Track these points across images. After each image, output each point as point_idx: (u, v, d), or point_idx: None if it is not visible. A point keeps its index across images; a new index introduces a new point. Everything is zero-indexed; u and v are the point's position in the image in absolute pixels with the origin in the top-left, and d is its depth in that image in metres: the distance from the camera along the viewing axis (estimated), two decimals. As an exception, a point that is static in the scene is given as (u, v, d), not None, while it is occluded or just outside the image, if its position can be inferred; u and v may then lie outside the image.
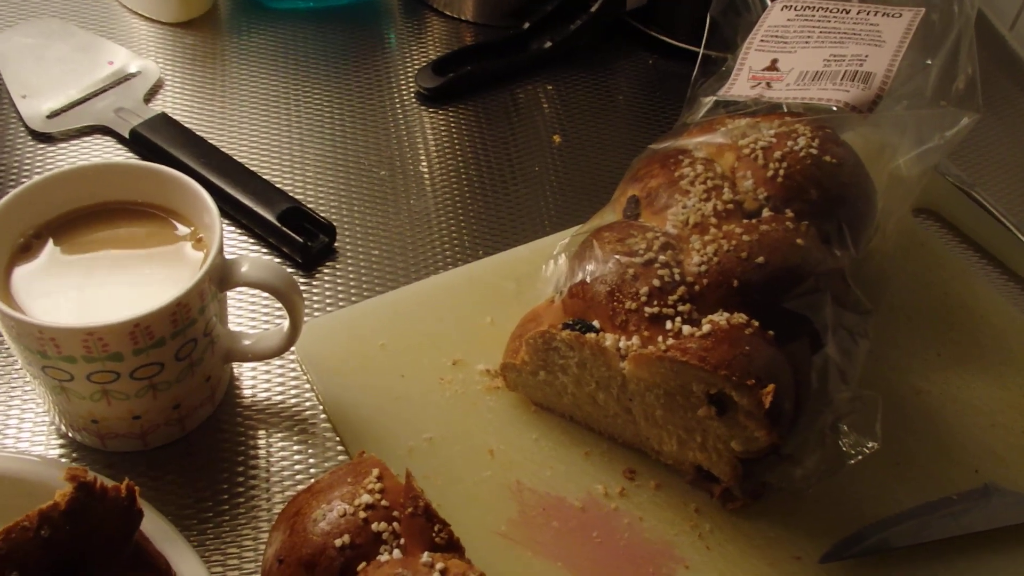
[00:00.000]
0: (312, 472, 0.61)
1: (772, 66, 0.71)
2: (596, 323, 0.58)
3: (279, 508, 0.58)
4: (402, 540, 0.48)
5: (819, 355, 0.58)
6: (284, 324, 0.61)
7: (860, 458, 0.58)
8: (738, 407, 0.54)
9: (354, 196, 0.78)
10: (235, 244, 0.74)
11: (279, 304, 0.60)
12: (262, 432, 0.62)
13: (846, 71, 0.68)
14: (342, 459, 0.61)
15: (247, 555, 0.57)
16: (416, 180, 0.80)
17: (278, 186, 0.76)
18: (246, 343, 0.62)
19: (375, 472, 0.51)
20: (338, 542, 0.48)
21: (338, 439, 0.62)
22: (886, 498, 0.61)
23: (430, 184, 0.80)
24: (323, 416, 0.63)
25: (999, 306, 0.73)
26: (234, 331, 0.63)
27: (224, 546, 0.57)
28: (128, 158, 0.79)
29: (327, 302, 0.70)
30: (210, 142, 0.78)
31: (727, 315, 0.56)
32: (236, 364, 0.65)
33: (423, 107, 0.87)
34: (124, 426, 0.58)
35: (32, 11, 0.92)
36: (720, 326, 0.55)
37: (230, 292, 0.61)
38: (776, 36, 0.73)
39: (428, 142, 0.84)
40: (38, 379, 0.57)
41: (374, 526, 0.48)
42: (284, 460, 0.61)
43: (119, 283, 0.57)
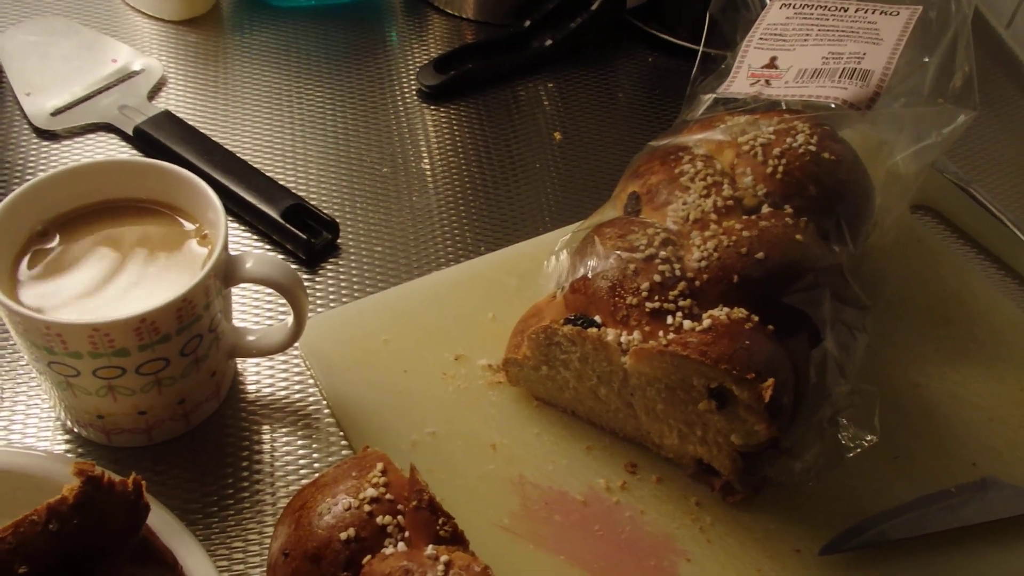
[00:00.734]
0: (316, 466, 0.61)
1: (771, 64, 0.71)
2: (597, 318, 0.59)
3: (284, 502, 0.58)
4: (406, 533, 0.48)
5: (818, 350, 0.58)
6: (288, 320, 0.61)
7: (859, 451, 0.58)
8: (738, 401, 0.55)
9: (357, 193, 0.79)
10: (239, 241, 0.74)
11: (283, 300, 0.60)
12: (266, 427, 0.63)
13: (844, 69, 0.68)
14: (346, 453, 0.62)
15: (252, 549, 0.57)
16: (418, 177, 0.81)
17: (281, 183, 0.76)
18: (250, 339, 0.62)
19: (379, 466, 0.51)
20: (343, 535, 0.48)
21: (342, 434, 0.63)
22: (885, 491, 0.61)
23: (432, 181, 0.80)
24: (327, 411, 0.64)
25: (996, 302, 0.73)
26: (238, 327, 0.63)
27: (230, 540, 0.57)
28: (132, 155, 0.79)
29: (330, 298, 0.71)
30: (213, 139, 0.79)
31: (727, 310, 0.57)
32: (240, 360, 0.66)
33: (425, 104, 0.87)
34: (129, 421, 0.59)
35: (36, 9, 0.92)
36: (720, 321, 0.56)
37: (234, 288, 0.61)
38: (775, 34, 0.73)
39: (430, 139, 0.84)
40: (44, 375, 0.57)
41: (379, 519, 0.48)
42: (288, 455, 0.62)
43: (124, 279, 0.58)
